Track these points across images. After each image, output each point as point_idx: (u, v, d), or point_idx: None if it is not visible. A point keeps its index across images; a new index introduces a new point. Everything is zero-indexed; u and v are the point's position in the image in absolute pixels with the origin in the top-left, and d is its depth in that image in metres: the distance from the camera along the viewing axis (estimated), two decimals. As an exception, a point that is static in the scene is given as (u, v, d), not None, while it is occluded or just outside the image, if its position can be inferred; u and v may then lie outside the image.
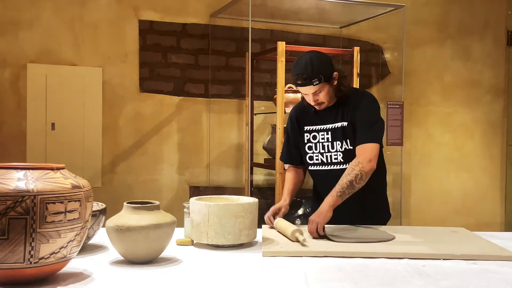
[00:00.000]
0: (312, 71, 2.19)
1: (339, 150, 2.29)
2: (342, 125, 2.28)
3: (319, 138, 2.34)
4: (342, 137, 2.28)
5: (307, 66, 2.20)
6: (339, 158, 2.30)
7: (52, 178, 1.41)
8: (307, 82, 2.20)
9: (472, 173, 4.93)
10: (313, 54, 2.27)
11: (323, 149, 2.33)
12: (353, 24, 4.51)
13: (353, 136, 2.25)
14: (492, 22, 4.95)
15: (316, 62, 2.21)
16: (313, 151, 2.36)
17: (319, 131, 2.34)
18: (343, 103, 2.30)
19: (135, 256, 1.66)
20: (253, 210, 1.92)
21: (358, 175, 2.12)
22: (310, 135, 2.36)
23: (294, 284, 1.49)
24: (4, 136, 3.91)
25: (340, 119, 2.29)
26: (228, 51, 4.36)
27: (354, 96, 2.31)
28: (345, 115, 2.28)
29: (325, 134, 2.32)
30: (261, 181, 4.42)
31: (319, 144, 2.34)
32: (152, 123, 4.22)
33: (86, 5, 4.05)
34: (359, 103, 2.27)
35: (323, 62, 2.24)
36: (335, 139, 2.30)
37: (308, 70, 2.19)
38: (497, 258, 1.77)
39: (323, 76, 2.20)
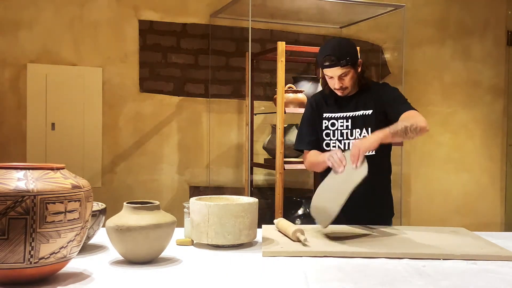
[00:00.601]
0: (340, 52, 2.25)
1: (358, 138, 2.32)
2: (364, 113, 2.33)
3: (337, 125, 2.38)
4: (363, 125, 2.32)
5: (335, 48, 2.27)
6: None
7: (52, 178, 1.41)
8: (335, 63, 2.25)
9: (472, 173, 4.93)
10: (340, 38, 2.43)
11: (341, 136, 2.37)
12: (353, 24, 4.51)
13: (375, 124, 2.27)
14: (492, 22, 4.95)
15: (344, 45, 2.30)
16: (330, 138, 2.40)
17: (338, 119, 2.38)
18: (364, 92, 2.36)
19: (135, 256, 1.66)
20: (253, 210, 1.92)
21: (413, 125, 2.10)
22: (329, 122, 2.40)
23: (294, 284, 1.49)
24: (4, 136, 3.91)
25: (362, 107, 2.34)
26: (228, 51, 4.36)
27: (375, 86, 2.38)
28: (368, 103, 2.32)
29: (345, 121, 2.36)
30: (261, 181, 4.42)
31: (337, 131, 2.38)
32: (152, 123, 4.22)
33: (86, 5, 4.05)
34: (382, 91, 2.34)
35: (350, 46, 2.32)
36: (354, 127, 2.34)
37: (336, 51, 2.26)
38: (497, 258, 1.77)
39: (350, 58, 2.26)
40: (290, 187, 4.33)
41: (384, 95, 2.32)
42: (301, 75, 4.26)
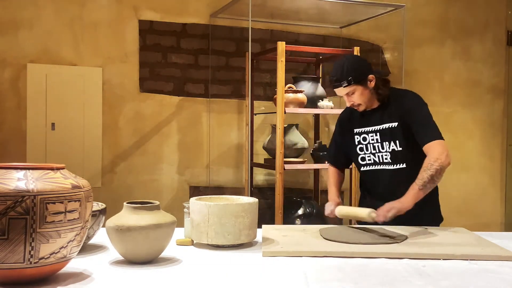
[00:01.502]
0: (341, 74, 2.28)
1: (387, 150, 2.33)
2: (390, 126, 2.32)
3: (369, 139, 2.39)
4: (391, 138, 2.32)
5: (338, 69, 2.30)
6: (387, 158, 2.34)
7: (52, 178, 1.41)
8: (337, 84, 2.30)
9: (472, 173, 4.93)
10: (347, 57, 2.38)
11: (374, 150, 2.38)
12: (353, 24, 4.51)
13: (403, 137, 2.28)
14: (492, 22, 4.95)
15: (347, 64, 2.30)
16: (364, 152, 2.41)
17: (368, 133, 2.39)
18: (388, 104, 2.35)
19: (135, 256, 1.66)
20: (253, 210, 1.92)
21: (438, 169, 2.14)
22: (360, 136, 2.41)
23: (294, 284, 1.49)
24: (4, 136, 3.91)
25: (387, 120, 2.33)
26: (228, 51, 4.36)
27: (396, 96, 2.36)
28: (393, 116, 2.31)
29: (374, 135, 2.37)
30: (261, 181, 4.42)
31: (370, 145, 2.39)
32: (152, 123, 4.22)
33: (86, 5, 4.05)
34: (406, 103, 2.32)
35: (355, 64, 2.32)
36: (383, 140, 2.34)
37: (338, 72, 2.29)
38: (497, 258, 1.77)
39: (353, 78, 2.27)
40: (290, 187, 4.33)
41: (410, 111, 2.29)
42: (301, 75, 4.26)
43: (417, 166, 2.30)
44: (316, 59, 4.33)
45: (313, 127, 4.42)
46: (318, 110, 3.86)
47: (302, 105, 3.76)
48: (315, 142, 4.09)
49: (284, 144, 3.70)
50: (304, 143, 3.98)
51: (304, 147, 3.97)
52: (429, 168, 2.15)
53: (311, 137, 4.43)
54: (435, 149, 2.19)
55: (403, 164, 2.31)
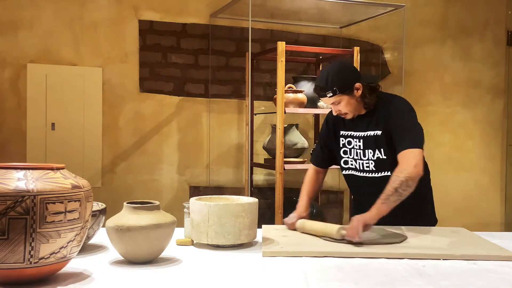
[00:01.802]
0: (326, 84, 2.20)
1: (371, 158, 2.26)
2: (375, 133, 2.25)
3: (353, 144, 2.32)
4: (375, 145, 2.24)
5: (323, 78, 2.22)
6: (371, 166, 2.27)
7: (52, 178, 1.41)
8: (321, 94, 2.23)
9: (472, 173, 4.93)
10: (333, 66, 2.26)
11: (356, 156, 2.31)
12: (353, 24, 4.51)
13: (386, 145, 2.21)
14: (492, 22, 4.95)
15: (332, 74, 2.20)
16: (348, 156, 2.35)
17: (353, 137, 2.33)
18: (375, 111, 2.26)
19: (135, 256, 1.66)
20: (253, 210, 1.92)
21: (403, 182, 2.01)
22: (345, 140, 2.35)
23: (294, 284, 1.49)
24: (4, 136, 3.91)
25: (373, 127, 2.25)
26: (228, 51, 4.36)
27: (384, 103, 2.26)
28: (379, 123, 2.24)
29: (357, 141, 2.30)
30: (261, 181, 4.42)
31: (353, 150, 2.32)
32: (152, 123, 4.22)
33: (86, 5, 4.05)
34: (391, 109, 2.23)
35: (340, 74, 2.21)
36: (367, 147, 2.27)
37: (323, 82, 2.21)
38: (497, 258, 1.77)
39: (338, 88, 2.19)
40: (290, 187, 4.32)
41: (391, 118, 2.21)
42: (301, 75, 4.26)
43: None
44: (316, 59, 4.33)
45: (313, 127, 4.42)
46: (318, 110, 3.86)
47: (302, 105, 3.76)
48: (315, 142, 4.09)
49: (284, 144, 3.70)
50: (304, 143, 3.98)
51: (304, 147, 3.97)
52: (394, 181, 2.03)
53: (311, 137, 4.43)
54: (405, 159, 2.08)
55: (387, 172, 2.20)
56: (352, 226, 1.94)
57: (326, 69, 2.26)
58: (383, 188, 2.11)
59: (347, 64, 2.33)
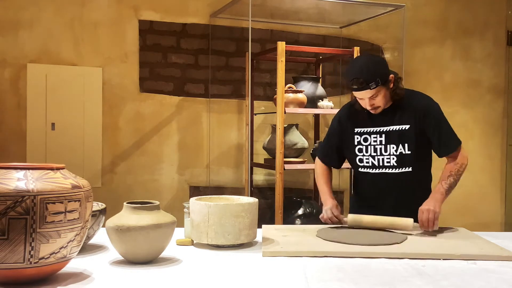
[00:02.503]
0: (368, 75, 2.14)
1: (393, 154, 2.24)
2: (400, 128, 2.23)
3: (370, 140, 2.28)
4: (399, 140, 2.23)
5: (363, 70, 2.15)
6: (392, 162, 2.25)
7: (52, 178, 1.41)
8: (364, 86, 2.15)
9: (472, 173, 4.91)
10: (369, 57, 2.26)
11: (374, 152, 2.28)
12: (353, 24, 4.51)
13: (413, 140, 2.21)
14: (492, 22, 4.95)
15: (372, 65, 2.17)
16: (363, 154, 2.30)
17: (371, 134, 2.29)
18: (399, 105, 2.25)
19: (135, 256, 1.66)
20: (253, 210, 1.92)
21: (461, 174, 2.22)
22: (361, 137, 2.31)
23: (294, 284, 1.49)
24: (4, 136, 3.91)
25: (398, 122, 2.24)
26: (228, 51, 4.36)
27: (412, 98, 2.27)
28: (406, 118, 2.23)
29: (378, 136, 2.27)
30: (261, 181, 4.42)
31: (371, 147, 2.28)
32: (152, 123, 4.22)
33: (86, 5, 4.05)
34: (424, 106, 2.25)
35: (379, 64, 2.20)
36: (389, 142, 2.25)
37: (364, 73, 2.14)
38: (497, 258, 1.77)
39: (380, 79, 2.15)
40: (290, 187, 4.33)
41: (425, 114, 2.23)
42: (301, 75, 4.26)
43: (422, 169, 2.29)
44: (316, 59, 4.33)
45: (313, 127, 4.42)
46: (318, 110, 3.86)
47: (302, 105, 3.76)
48: (315, 142, 4.10)
49: (284, 144, 3.70)
50: (304, 143, 3.98)
51: (304, 147, 3.97)
52: (456, 173, 2.20)
53: (311, 137, 4.43)
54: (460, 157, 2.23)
55: (409, 168, 2.23)
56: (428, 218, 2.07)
57: (360, 61, 2.21)
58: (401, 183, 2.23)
59: (379, 56, 2.34)
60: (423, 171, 2.32)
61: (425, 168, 2.34)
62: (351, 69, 2.20)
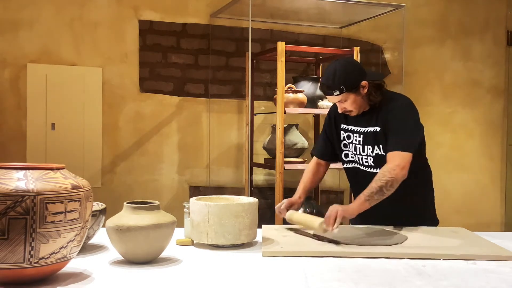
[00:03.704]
0: (333, 82, 2.18)
1: (370, 154, 2.26)
2: (374, 130, 2.24)
3: (352, 138, 2.33)
4: (374, 142, 2.24)
5: (329, 77, 2.19)
6: (369, 162, 2.27)
7: (52, 178, 1.41)
8: (329, 92, 2.21)
9: (472, 173, 4.93)
10: (339, 63, 2.23)
11: (355, 151, 2.32)
12: (353, 24, 4.51)
13: (385, 142, 2.20)
14: (492, 22, 4.95)
15: (339, 72, 2.18)
16: (348, 149, 2.36)
17: (352, 132, 2.33)
18: (377, 108, 2.25)
19: (135, 256, 1.66)
20: (253, 210, 1.92)
21: (389, 182, 2.04)
22: (345, 134, 2.36)
23: (294, 284, 1.49)
24: (4, 136, 3.91)
25: (374, 123, 2.25)
26: (228, 51, 4.36)
27: (388, 100, 2.26)
28: (378, 120, 2.23)
29: (357, 136, 2.30)
30: (261, 181, 4.42)
31: (352, 145, 2.33)
32: (152, 123, 4.22)
33: (86, 5, 4.05)
34: (392, 107, 2.23)
35: (347, 72, 2.19)
36: (366, 143, 2.27)
37: (330, 80, 2.19)
38: (497, 258, 1.77)
39: (345, 86, 2.17)
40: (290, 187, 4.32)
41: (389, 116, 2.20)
42: (301, 75, 4.26)
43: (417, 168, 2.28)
44: (316, 59, 4.33)
45: (313, 127, 4.42)
46: (318, 110, 3.86)
47: (302, 105, 3.76)
48: (315, 142, 4.10)
49: (284, 144, 3.70)
50: (304, 143, 3.98)
51: (304, 147, 3.97)
52: (380, 179, 2.05)
53: (311, 137, 4.43)
54: (394, 160, 2.10)
55: None
56: (330, 215, 1.98)
57: (331, 66, 2.22)
58: None
59: (353, 61, 2.31)
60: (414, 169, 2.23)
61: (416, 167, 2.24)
62: (324, 74, 2.26)
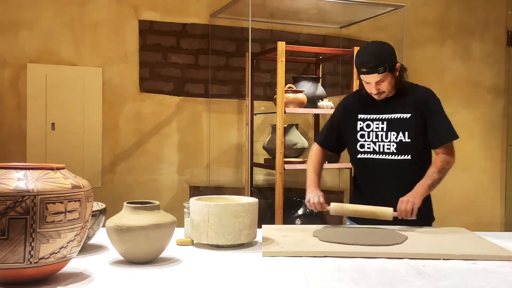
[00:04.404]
0: (378, 59, 2.23)
1: (393, 141, 2.31)
2: (402, 116, 2.31)
3: (373, 127, 2.36)
4: (399, 128, 2.30)
5: (373, 55, 2.25)
6: (392, 148, 2.32)
7: (52, 178, 1.41)
8: (373, 70, 2.24)
9: (472, 173, 4.92)
10: (379, 43, 2.33)
11: (376, 138, 2.35)
12: (353, 24, 4.51)
13: (413, 129, 2.29)
14: (492, 22, 4.95)
15: (382, 51, 2.27)
16: (365, 139, 2.37)
17: (373, 120, 2.36)
18: (402, 95, 2.33)
19: (135, 256, 1.66)
20: (253, 210, 1.92)
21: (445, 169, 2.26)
22: (364, 123, 2.38)
23: (294, 284, 1.49)
24: (4, 136, 3.91)
25: (400, 110, 2.32)
26: (228, 51, 4.36)
27: (415, 90, 2.36)
28: (407, 107, 2.31)
29: (380, 123, 2.34)
30: (261, 181, 4.42)
31: (373, 133, 2.36)
32: (152, 123, 4.22)
33: (86, 5, 4.05)
34: (426, 96, 2.34)
35: (389, 51, 2.29)
36: (390, 130, 2.32)
37: (374, 58, 2.23)
38: (497, 258, 1.77)
39: (388, 65, 2.24)
40: (290, 187, 4.33)
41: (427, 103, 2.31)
42: (301, 75, 4.26)
43: (421, 158, 2.34)
44: (316, 59, 4.33)
45: (313, 127, 4.42)
46: (318, 110, 3.86)
47: (302, 105, 3.76)
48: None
49: (284, 144, 3.70)
50: (304, 143, 3.98)
51: (304, 147, 3.97)
52: (440, 171, 2.24)
53: (311, 137, 4.43)
54: (449, 151, 2.28)
55: (408, 155, 2.30)
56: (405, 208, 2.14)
57: (370, 46, 2.31)
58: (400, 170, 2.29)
59: (389, 45, 2.36)
60: (422, 160, 2.35)
61: (424, 158, 2.37)
62: (362, 53, 2.30)
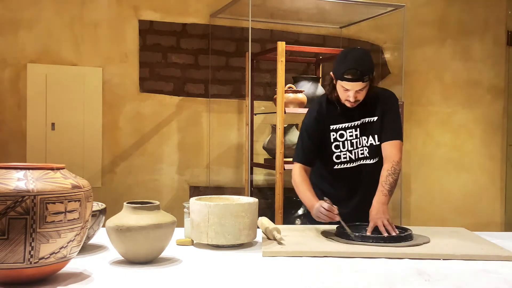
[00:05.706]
0: (364, 67, 2.16)
1: (365, 145, 2.32)
2: (370, 120, 2.31)
3: (346, 135, 2.34)
4: (370, 132, 2.31)
5: (360, 61, 2.17)
6: (365, 153, 2.33)
7: (52, 178, 1.41)
8: (359, 77, 2.16)
9: (472, 173, 4.93)
10: (363, 50, 2.31)
11: (351, 146, 2.34)
12: (353, 24, 4.51)
13: (380, 131, 2.29)
14: (492, 22, 4.95)
15: (368, 58, 2.22)
16: (340, 150, 2.35)
17: (346, 129, 2.34)
18: (369, 99, 2.29)
19: (135, 256, 1.66)
20: (253, 210, 1.92)
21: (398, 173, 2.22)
22: (337, 133, 2.34)
23: (294, 284, 1.49)
24: (4, 136, 3.90)
25: (368, 114, 2.31)
26: (228, 51, 4.36)
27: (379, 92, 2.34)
28: (373, 110, 2.30)
29: (353, 130, 2.33)
30: (261, 181, 4.42)
31: (347, 142, 2.34)
32: (152, 123, 4.22)
33: (86, 5, 4.05)
34: (386, 98, 2.33)
35: (371, 59, 2.26)
36: (362, 135, 2.32)
37: (361, 65, 2.16)
38: (497, 258, 1.77)
39: (371, 73, 2.20)
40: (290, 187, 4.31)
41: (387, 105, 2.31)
42: (301, 75, 4.26)
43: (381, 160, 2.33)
44: (316, 59, 4.33)
45: (313, 127, 4.41)
46: (318, 110, 3.85)
47: (302, 105, 3.76)
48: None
49: (284, 144, 3.70)
50: (304, 143, 3.97)
51: (304, 147, 3.96)
52: (393, 173, 2.19)
53: (311, 137, 4.42)
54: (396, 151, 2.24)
55: (377, 158, 2.32)
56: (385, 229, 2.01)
57: (356, 52, 2.24)
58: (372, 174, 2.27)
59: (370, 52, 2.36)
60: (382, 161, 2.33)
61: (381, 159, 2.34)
62: (346, 59, 2.19)
